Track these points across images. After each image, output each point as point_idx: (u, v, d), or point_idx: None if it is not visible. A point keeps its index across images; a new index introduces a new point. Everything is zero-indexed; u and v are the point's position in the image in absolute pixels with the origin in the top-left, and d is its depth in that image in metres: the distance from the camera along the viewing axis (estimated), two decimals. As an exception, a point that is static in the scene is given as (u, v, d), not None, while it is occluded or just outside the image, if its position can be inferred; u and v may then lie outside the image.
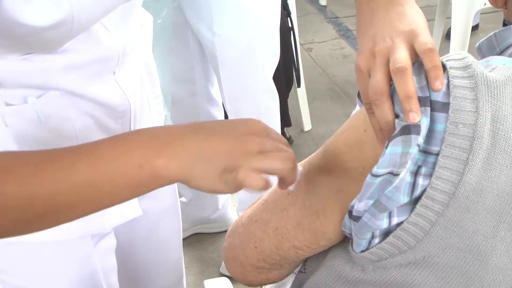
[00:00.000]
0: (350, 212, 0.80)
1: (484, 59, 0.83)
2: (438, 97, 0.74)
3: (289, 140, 3.01)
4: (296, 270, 0.98)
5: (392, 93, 0.75)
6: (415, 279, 0.80)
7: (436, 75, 0.73)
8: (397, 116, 0.75)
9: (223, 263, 2.36)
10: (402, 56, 0.74)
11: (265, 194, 0.93)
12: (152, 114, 1.23)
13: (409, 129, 0.73)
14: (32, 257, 1.08)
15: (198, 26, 2.01)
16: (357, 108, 0.90)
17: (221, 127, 0.76)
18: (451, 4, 3.13)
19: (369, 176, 0.76)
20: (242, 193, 2.38)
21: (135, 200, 1.14)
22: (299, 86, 3.02)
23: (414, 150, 0.72)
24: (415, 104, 0.72)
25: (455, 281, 0.79)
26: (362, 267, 0.83)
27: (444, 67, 0.77)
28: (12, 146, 0.99)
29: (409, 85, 0.73)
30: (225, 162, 0.73)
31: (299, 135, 3.11)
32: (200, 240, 2.51)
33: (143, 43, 1.18)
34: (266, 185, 0.75)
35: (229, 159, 0.73)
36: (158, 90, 1.28)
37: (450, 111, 0.73)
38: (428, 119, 0.74)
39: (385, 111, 0.74)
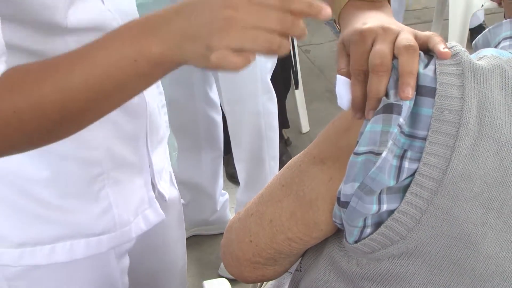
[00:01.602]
0: (338, 199, 0.81)
1: (475, 52, 0.84)
2: (425, 82, 0.75)
3: (287, 142, 3.02)
4: (293, 270, 0.99)
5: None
6: (408, 269, 0.80)
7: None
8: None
9: (221, 265, 2.36)
10: (412, 38, 0.77)
11: (262, 189, 0.94)
12: (162, 123, 1.23)
13: (391, 108, 0.74)
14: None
15: None
16: None
17: (201, 4, 0.70)
18: (448, 6, 3.14)
19: (352, 155, 0.78)
20: (240, 195, 2.38)
21: (156, 205, 1.15)
22: (297, 87, 3.03)
23: (395, 130, 0.74)
24: (414, 81, 0.74)
25: (448, 270, 0.79)
26: (356, 260, 0.84)
27: (431, 55, 0.79)
28: (38, 162, 0.98)
29: (415, 63, 0.75)
30: (205, 42, 0.69)
31: (297, 137, 3.11)
32: (198, 242, 2.51)
33: None
34: (244, 63, 0.69)
35: (207, 38, 0.69)
36: (163, 99, 1.28)
37: (436, 97, 0.75)
38: (412, 103, 0.75)
39: (382, 82, 0.76)
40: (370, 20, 0.81)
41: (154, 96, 1.17)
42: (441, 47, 0.77)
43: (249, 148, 2.25)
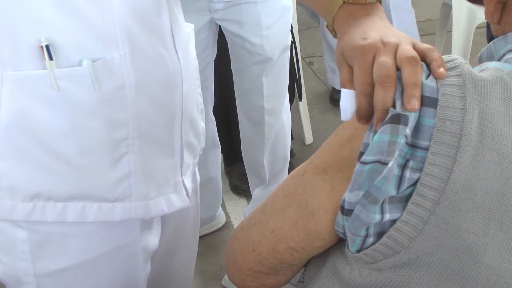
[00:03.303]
0: (342, 208, 0.81)
1: (477, 66, 0.85)
2: (427, 92, 0.76)
3: (291, 153, 3.02)
4: (295, 281, 0.99)
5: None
6: (410, 280, 0.81)
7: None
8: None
9: (225, 276, 2.36)
10: (412, 49, 0.78)
11: (266, 198, 0.95)
12: (200, 122, 1.24)
13: (398, 119, 0.75)
14: (78, 239, 1.08)
15: (241, 32, 2.08)
16: None
17: None
18: (451, 18, 3.16)
19: (358, 164, 0.78)
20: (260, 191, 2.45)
21: (182, 191, 1.14)
22: (300, 99, 3.04)
23: (401, 140, 0.74)
24: (419, 92, 0.75)
25: (450, 280, 0.80)
26: (359, 271, 0.84)
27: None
28: (62, 114, 0.98)
29: (419, 74, 0.76)
30: None
31: (301, 149, 3.12)
32: (202, 253, 2.51)
33: (192, 43, 1.22)
34: None
35: None
36: (202, 104, 1.28)
37: (438, 108, 0.76)
38: (417, 114, 0.76)
39: (389, 93, 0.76)
40: (369, 33, 0.82)
41: (195, 91, 1.19)
42: (436, 67, 0.78)
43: (275, 147, 2.36)
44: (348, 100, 0.81)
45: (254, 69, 2.18)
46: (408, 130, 0.75)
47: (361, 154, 0.78)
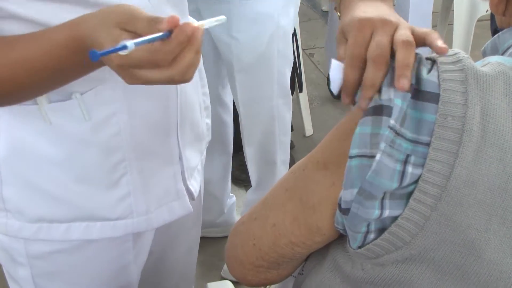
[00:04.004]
0: (339, 206, 0.81)
1: (480, 60, 0.84)
2: (429, 87, 0.76)
3: (291, 145, 3.02)
4: (296, 273, 0.99)
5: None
6: (412, 274, 0.81)
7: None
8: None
9: (224, 266, 2.37)
10: (409, 34, 0.78)
11: (267, 193, 0.95)
12: (203, 123, 1.23)
13: (381, 110, 0.75)
14: (75, 255, 1.10)
15: (215, 29, 2.01)
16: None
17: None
18: (452, 10, 3.15)
19: (348, 160, 0.78)
20: (250, 195, 2.40)
21: (185, 198, 1.15)
22: (301, 91, 3.04)
23: (386, 132, 0.74)
24: (410, 74, 0.75)
25: (452, 276, 0.80)
26: (361, 265, 0.84)
27: (434, 61, 0.79)
28: (56, 144, 1.00)
29: (412, 57, 0.76)
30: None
31: (300, 140, 3.12)
32: (201, 243, 2.51)
33: None
34: None
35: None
36: (208, 100, 1.28)
37: (439, 103, 0.75)
38: (405, 103, 0.75)
39: (380, 73, 0.77)
40: (370, 9, 0.82)
41: (196, 93, 1.18)
42: (438, 43, 0.78)
43: (262, 151, 2.27)
44: (337, 73, 0.82)
45: (223, 70, 2.16)
46: (392, 121, 0.75)
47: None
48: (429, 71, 0.78)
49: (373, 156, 0.75)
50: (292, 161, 2.89)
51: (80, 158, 1.02)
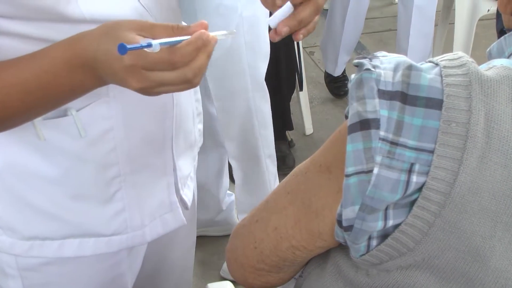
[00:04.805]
0: (339, 222, 0.81)
1: (485, 63, 0.83)
2: (432, 93, 0.75)
3: (291, 144, 3.01)
4: (297, 276, 0.99)
5: None
6: (417, 281, 0.80)
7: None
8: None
9: (224, 265, 2.36)
10: None
11: (267, 195, 0.94)
12: (195, 130, 1.23)
13: (368, 124, 0.75)
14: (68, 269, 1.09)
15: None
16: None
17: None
18: (454, 9, 3.14)
19: (344, 178, 0.77)
20: (238, 193, 2.37)
21: (178, 210, 1.15)
22: (301, 89, 3.03)
23: (378, 145, 0.74)
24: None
25: (456, 282, 0.79)
26: (366, 271, 0.83)
27: (437, 65, 0.78)
28: (50, 161, 0.99)
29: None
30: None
31: (300, 139, 3.11)
32: (201, 242, 2.51)
33: None
34: None
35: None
36: (200, 107, 1.28)
37: (443, 110, 0.74)
38: (394, 112, 0.75)
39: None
40: None
41: (189, 102, 1.17)
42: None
43: (243, 146, 2.25)
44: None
45: None
46: (383, 133, 0.74)
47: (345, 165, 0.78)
48: (434, 76, 0.77)
49: (370, 171, 0.75)
50: (292, 160, 2.88)
51: (75, 174, 1.01)
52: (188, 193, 1.20)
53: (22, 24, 0.87)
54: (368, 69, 0.78)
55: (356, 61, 0.81)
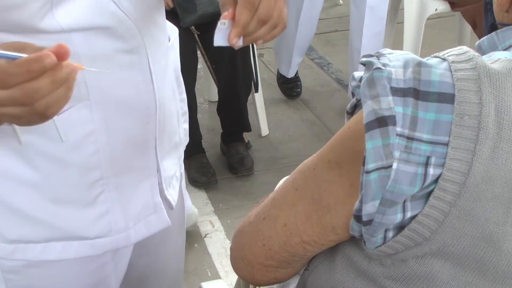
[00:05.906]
0: (358, 217, 0.83)
1: (486, 55, 0.86)
2: (444, 88, 0.78)
3: (248, 145, 3.02)
4: (301, 271, 1.00)
5: None
6: (432, 268, 0.83)
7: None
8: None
9: (215, 264, 2.35)
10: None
11: (273, 192, 0.94)
12: (180, 130, 1.22)
13: (385, 121, 0.77)
14: (52, 270, 1.08)
15: None
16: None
17: None
18: (401, 9, 3.21)
19: (364, 175, 0.79)
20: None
21: (162, 211, 1.14)
22: (256, 91, 3.04)
23: (395, 140, 0.77)
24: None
25: (471, 268, 0.82)
26: (380, 261, 0.85)
27: (444, 60, 0.81)
28: (31, 165, 0.97)
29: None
30: None
31: (257, 140, 3.13)
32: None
33: (173, 53, 1.18)
34: None
35: None
36: (185, 106, 1.27)
37: (455, 103, 0.77)
38: (409, 108, 0.77)
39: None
40: None
41: (173, 102, 1.16)
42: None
43: None
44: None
45: None
46: (399, 128, 0.77)
47: (365, 162, 0.80)
48: (444, 71, 0.79)
49: (389, 166, 0.77)
50: (251, 161, 2.89)
51: (57, 178, 1.00)
52: (173, 193, 1.19)
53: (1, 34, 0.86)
54: (378, 68, 0.80)
55: (363, 59, 0.83)
